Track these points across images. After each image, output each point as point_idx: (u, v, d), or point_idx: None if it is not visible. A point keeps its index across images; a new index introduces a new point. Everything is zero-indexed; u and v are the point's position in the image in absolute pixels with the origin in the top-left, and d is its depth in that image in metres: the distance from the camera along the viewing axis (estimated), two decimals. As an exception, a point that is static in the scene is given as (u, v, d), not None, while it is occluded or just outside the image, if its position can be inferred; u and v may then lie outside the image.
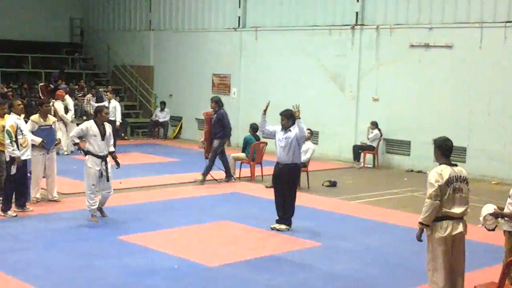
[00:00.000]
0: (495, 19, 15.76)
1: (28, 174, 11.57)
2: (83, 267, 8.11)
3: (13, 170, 10.43)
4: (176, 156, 18.43)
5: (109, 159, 10.48)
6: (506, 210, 6.57)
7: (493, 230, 6.63)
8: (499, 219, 6.62)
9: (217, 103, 14.26)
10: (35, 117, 11.57)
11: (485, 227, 6.57)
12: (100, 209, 10.63)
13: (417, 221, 6.53)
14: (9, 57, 23.98)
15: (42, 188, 11.77)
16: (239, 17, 21.29)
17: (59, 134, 11.86)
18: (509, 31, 15.49)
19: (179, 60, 23.05)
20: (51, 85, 21.69)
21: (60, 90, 18.68)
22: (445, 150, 6.79)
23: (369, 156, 17.65)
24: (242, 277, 7.92)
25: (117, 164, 10.60)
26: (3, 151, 11.39)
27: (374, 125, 17.48)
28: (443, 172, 6.54)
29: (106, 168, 10.35)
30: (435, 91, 16.76)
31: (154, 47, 24.08)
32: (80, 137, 10.55)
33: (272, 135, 10.53)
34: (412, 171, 17.00)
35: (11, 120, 10.49)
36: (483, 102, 15.93)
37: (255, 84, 20.78)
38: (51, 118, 11.77)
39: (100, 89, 22.22)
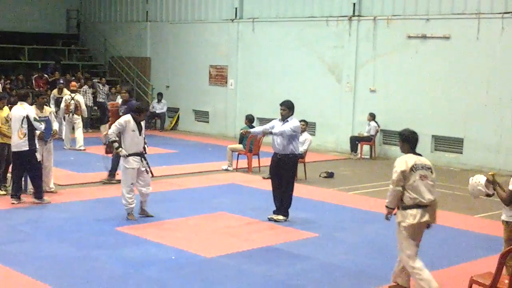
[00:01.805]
0: (492, 10, 15.75)
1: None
2: (81, 258, 8.12)
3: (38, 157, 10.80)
4: (173, 148, 18.42)
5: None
6: (511, 187, 6.64)
7: (493, 194, 6.74)
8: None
9: (130, 93, 13.20)
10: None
11: (487, 195, 6.66)
12: (143, 210, 10.17)
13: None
14: (5, 49, 23.91)
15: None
16: (236, 8, 21.24)
17: (56, 125, 11.81)
18: (506, 22, 15.48)
19: (176, 52, 23.01)
20: (45, 75, 21.66)
21: (73, 83, 18.63)
22: (412, 142, 7.13)
23: (366, 147, 17.67)
24: (239, 268, 7.94)
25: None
26: (5, 144, 11.40)
27: (372, 116, 17.49)
28: (408, 160, 6.92)
29: (147, 164, 9.94)
30: (432, 82, 16.77)
31: (151, 39, 24.04)
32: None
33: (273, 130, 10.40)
34: (409, 162, 17.00)
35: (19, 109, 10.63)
36: (480, 93, 15.94)
37: (252, 76, 20.76)
38: (47, 109, 11.76)
39: (94, 80, 22.21)
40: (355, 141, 17.67)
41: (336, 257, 8.51)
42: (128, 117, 9.91)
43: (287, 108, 10.19)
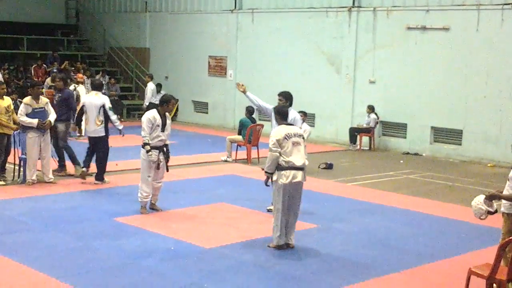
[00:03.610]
0: (492, 1, 15.71)
1: (24, 156, 11.60)
2: (80, 248, 8.12)
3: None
4: (172, 138, 18.16)
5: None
6: (505, 193, 6.59)
7: (496, 211, 6.65)
8: (495, 203, 6.64)
9: (64, 82, 13.01)
10: (27, 99, 11.54)
11: (488, 212, 6.58)
12: (152, 204, 10.05)
13: (264, 171, 8.13)
14: (4, 39, 23.86)
15: (38, 170, 11.76)
16: (235, -1, 21.22)
17: (52, 117, 11.75)
18: (506, 13, 15.45)
19: (175, 42, 22.96)
20: (44, 65, 21.63)
21: (79, 75, 18.86)
22: (282, 115, 8.33)
23: (365, 139, 17.66)
24: (238, 258, 7.94)
25: (167, 157, 9.93)
26: (4, 134, 11.41)
27: (371, 109, 17.47)
28: (281, 130, 8.08)
29: (164, 157, 9.82)
30: (431, 74, 16.75)
31: (150, 29, 23.98)
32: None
33: (266, 111, 10.29)
34: (408, 153, 17.03)
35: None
36: (480, 84, 15.92)
37: (251, 66, 20.73)
38: (43, 100, 11.71)
39: (97, 77, 22.17)
40: (354, 132, 17.67)
41: (335, 248, 8.52)
42: (154, 113, 9.66)
43: (285, 98, 10.06)
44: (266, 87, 19.96)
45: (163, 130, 9.72)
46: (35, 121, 11.24)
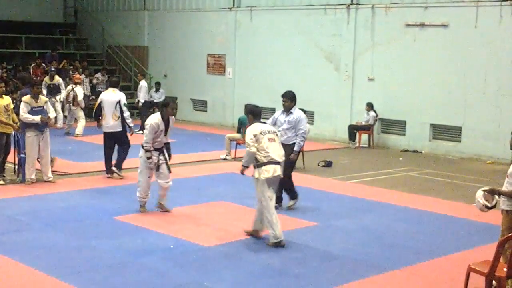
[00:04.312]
0: (490, -2, 15.72)
1: (23, 155, 11.60)
2: (80, 247, 8.13)
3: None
4: (171, 137, 18.17)
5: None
6: (504, 189, 6.59)
7: (494, 206, 6.65)
8: (496, 196, 6.65)
9: (23, 81, 12.82)
10: (27, 98, 11.53)
11: (485, 206, 6.58)
12: (161, 205, 9.94)
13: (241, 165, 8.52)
14: (2, 38, 23.83)
15: (37, 169, 11.75)
16: (234, -3, 21.21)
17: (52, 115, 11.78)
18: (504, 10, 15.44)
19: (173, 40, 22.95)
20: (43, 64, 21.61)
21: (77, 75, 19.26)
22: (256, 114, 8.60)
23: (364, 136, 17.66)
24: (238, 256, 7.95)
25: (169, 156, 9.89)
26: (3, 133, 11.41)
27: (370, 106, 17.47)
28: (256, 127, 8.38)
29: (165, 158, 9.70)
30: (430, 71, 16.74)
31: (148, 27, 23.96)
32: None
33: (274, 123, 10.25)
34: (407, 151, 17.04)
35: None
36: (478, 81, 15.92)
37: (250, 64, 20.71)
38: (42, 99, 11.72)
39: (96, 76, 22.15)
40: (353, 130, 17.67)
41: (335, 245, 8.53)
42: (158, 119, 9.52)
43: (289, 99, 10.18)
44: (265, 84, 19.99)
45: (165, 134, 9.72)
46: (37, 118, 11.25)
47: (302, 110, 13.77)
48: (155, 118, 9.58)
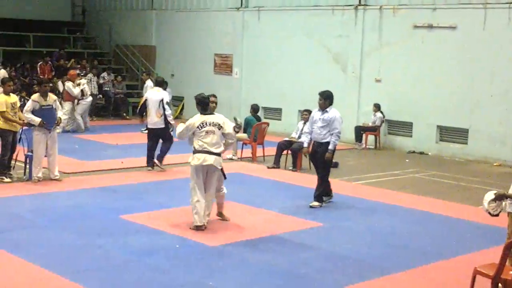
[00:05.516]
0: (499, 0, 15.65)
1: (30, 153, 11.62)
2: (85, 245, 8.13)
3: None
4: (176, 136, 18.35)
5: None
6: (511, 192, 6.55)
7: (497, 215, 6.61)
8: (503, 202, 6.60)
9: (2, 82, 12.39)
10: (35, 96, 11.56)
11: (488, 212, 6.55)
12: (220, 213, 9.51)
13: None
14: (10, 36, 23.90)
15: (44, 167, 11.77)
16: (241, -3, 21.21)
17: (60, 113, 11.81)
18: (513, 12, 15.40)
19: (181, 40, 22.97)
20: (50, 62, 21.68)
21: (72, 71, 19.13)
22: (203, 105, 8.97)
23: (371, 137, 17.63)
24: (243, 256, 7.94)
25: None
26: (10, 131, 11.44)
27: (377, 107, 17.44)
28: (196, 118, 8.85)
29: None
30: (438, 73, 16.70)
31: (156, 27, 23.99)
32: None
33: (312, 120, 10.72)
34: (414, 152, 16.99)
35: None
36: (486, 83, 15.87)
37: (257, 65, 20.70)
38: (51, 97, 11.73)
39: (102, 75, 22.20)
40: (360, 131, 17.63)
41: (340, 246, 8.51)
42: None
43: (323, 98, 10.50)
44: (272, 85, 19.97)
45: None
46: (37, 120, 11.23)
47: (308, 110, 13.83)
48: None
